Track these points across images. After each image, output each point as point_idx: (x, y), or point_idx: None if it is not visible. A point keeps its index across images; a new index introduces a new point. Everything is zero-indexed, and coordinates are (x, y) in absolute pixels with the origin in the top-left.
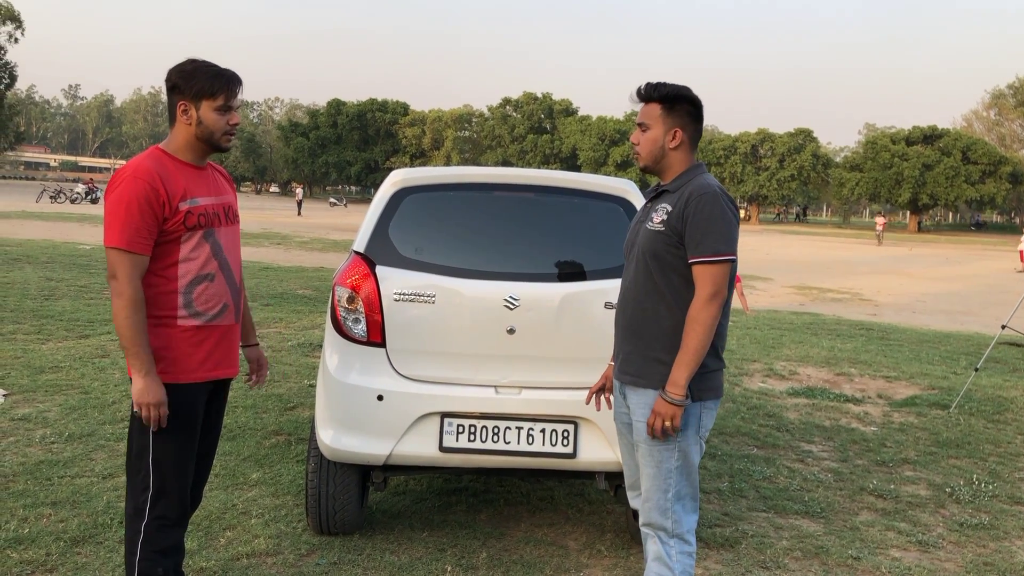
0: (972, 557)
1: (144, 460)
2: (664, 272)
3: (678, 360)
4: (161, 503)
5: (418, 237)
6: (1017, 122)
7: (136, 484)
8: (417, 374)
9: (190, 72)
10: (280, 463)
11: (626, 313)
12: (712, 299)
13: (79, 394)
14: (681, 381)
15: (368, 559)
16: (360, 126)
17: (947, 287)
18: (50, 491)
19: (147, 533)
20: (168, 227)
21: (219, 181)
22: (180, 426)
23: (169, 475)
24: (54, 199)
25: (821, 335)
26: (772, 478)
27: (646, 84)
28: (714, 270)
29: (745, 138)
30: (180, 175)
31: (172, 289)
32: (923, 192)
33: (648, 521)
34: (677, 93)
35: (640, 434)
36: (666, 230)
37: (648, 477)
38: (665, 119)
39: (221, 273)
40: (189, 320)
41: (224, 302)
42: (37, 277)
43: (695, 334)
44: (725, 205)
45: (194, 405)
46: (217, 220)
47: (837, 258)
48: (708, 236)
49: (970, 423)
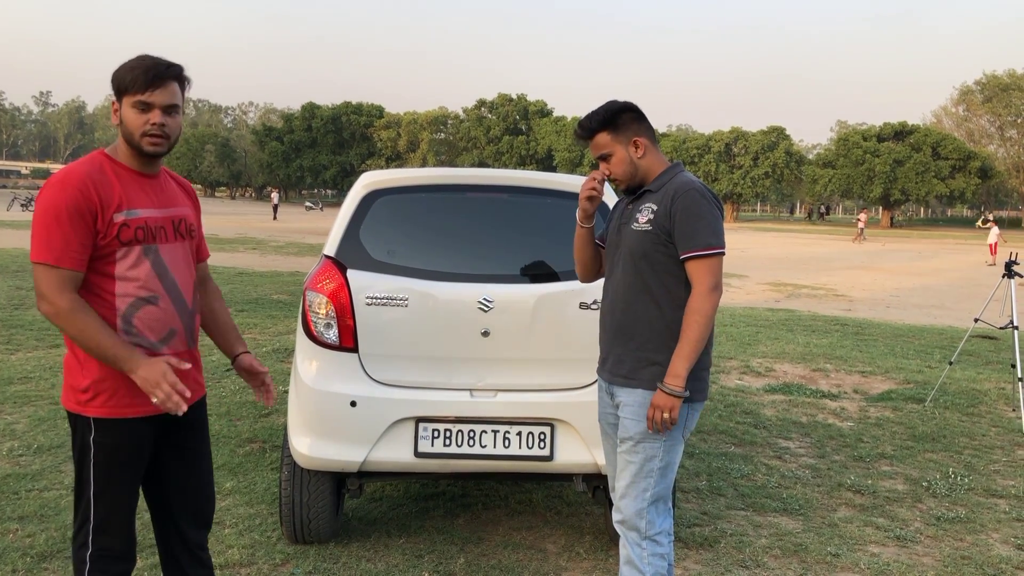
0: (950, 551)
1: (85, 493)
2: (655, 272)
3: (678, 352)
4: (103, 537)
5: (390, 240)
6: (985, 118)
7: (78, 514)
8: (391, 379)
9: (119, 68)
10: (254, 471)
11: (615, 315)
12: (712, 291)
13: (49, 405)
14: (681, 372)
15: (344, 567)
16: (335, 129)
17: (920, 281)
18: (17, 505)
19: (94, 563)
20: (101, 241)
21: (172, 191)
22: (121, 462)
23: (110, 510)
24: (25, 207)
25: (797, 331)
26: (750, 476)
27: (582, 121)
28: (710, 263)
29: (719, 137)
30: (119, 182)
31: (110, 313)
32: (895, 188)
33: (622, 519)
34: (611, 111)
35: (627, 431)
36: (654, 229)
37: (628, 475)
38: (618, 138)
39: (167, 295)
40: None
41: (171, 327)
42: (7, 286)
43: (696, 325)
44: (709, 200)
45: (137, 440)
46: (162, 235)
47: (812, 254)
48: (698, 231)
49: (945, 417)
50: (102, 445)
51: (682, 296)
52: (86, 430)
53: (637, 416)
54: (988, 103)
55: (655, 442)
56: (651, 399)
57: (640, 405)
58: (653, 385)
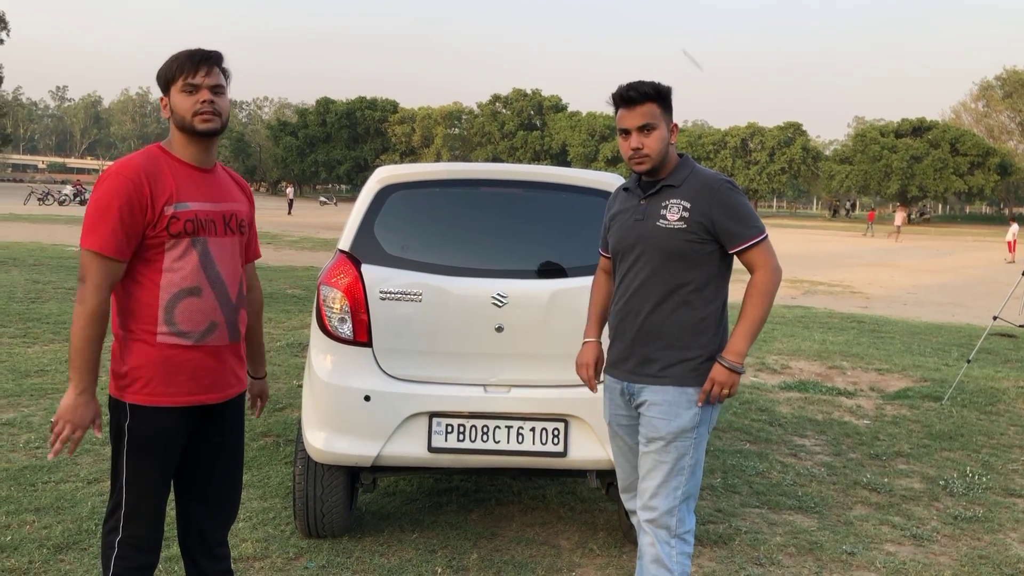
0: (967, 550)
1: (119, 479)
2: (689, 269)
3: (740, 329)
4: (132, 524)
5: (404, 235)
6: (1005, 113)
7: (112, 499)
8: (404, 374)
9: (163, 64)
10: (268, 465)
11: (640, 315)
12: (776, 270)
13: None
14: (742, 349)
15: (357, 562)
16: (349, 124)
17: (937, 279)
18: (34, 497)
19: (121, 549)
20: (150, 232)
21: (226, 186)
22: (154, 451)
23: (139, 499)
24: (42, 201)
25: (813, 328)
26: (765, 473)
27: (640, 84)
28: (765, 246)
29: (735, 132)
30: (172, 176)
31: (153, 302)
32: (912, 184)
33: (652, 519)
34: (664, 87)
35: (656, 431)
36: (690, 227)
37: (660, 475)
38: (664, 116)
39: (211, 288)
40: (170, 338)
41: (212, 320)
42: (24, 280)
43: (761, 304)
44: (739, 190)
45: (171, 431)
46: (211, 228)
47: (828, 251)
48: (744, 221)
49: (963, 415)
50: (135, 432)
51: (713, 291)
52: (122, 415)
53: (667, 415)
54: (1008, 99)
55: (686, 440)
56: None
57: (671, 404)
58: (684, 381)
